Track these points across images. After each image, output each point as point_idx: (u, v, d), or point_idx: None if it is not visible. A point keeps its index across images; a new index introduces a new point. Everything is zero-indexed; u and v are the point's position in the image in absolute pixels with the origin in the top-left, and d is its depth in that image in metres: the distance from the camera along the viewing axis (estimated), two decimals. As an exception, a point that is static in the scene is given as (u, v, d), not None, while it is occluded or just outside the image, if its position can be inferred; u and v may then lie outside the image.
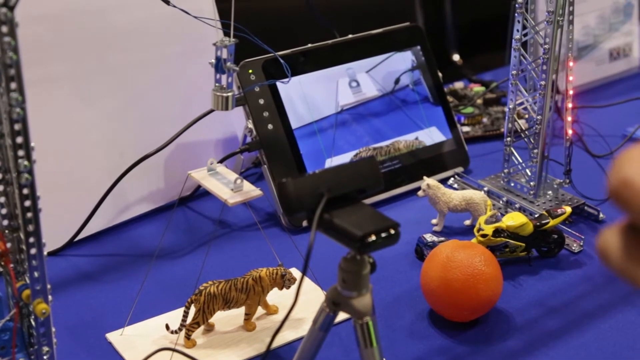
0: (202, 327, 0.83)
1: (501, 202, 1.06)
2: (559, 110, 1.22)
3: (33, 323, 0.63)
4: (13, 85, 0.54)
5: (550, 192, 1.06)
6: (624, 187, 0.36)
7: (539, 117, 1.01)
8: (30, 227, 0.58)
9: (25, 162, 0.56)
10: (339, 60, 1.12)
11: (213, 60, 0.82)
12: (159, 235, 1.00)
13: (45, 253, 0.60)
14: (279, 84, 1.05)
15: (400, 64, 1.17)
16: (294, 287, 0.85)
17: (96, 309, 0.88)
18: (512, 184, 1.08)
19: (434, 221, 1.03)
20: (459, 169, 1.16)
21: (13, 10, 0.52)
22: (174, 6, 0.88)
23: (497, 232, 0.92)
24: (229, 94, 0.84)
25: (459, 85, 1.39)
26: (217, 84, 0.84)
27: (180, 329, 0.81)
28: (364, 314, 0.60)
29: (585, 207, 1.05)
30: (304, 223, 1.02)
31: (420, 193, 1.01)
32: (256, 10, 1.45)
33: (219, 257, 0.97)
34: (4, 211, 0.60)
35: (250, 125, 1.03)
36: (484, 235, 0.91)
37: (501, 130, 1.25)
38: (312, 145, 1.07)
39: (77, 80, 0.98)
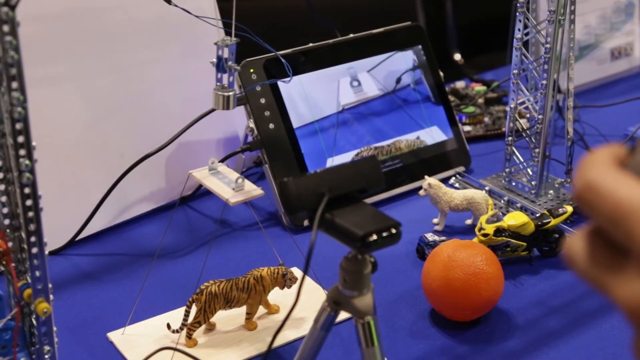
0: (203, 327, 0.83)
1: (502, 201, 1.06)
2: (560, 109, 1.22)
3: (34, 322, 0.63)
4: (14, 84, 0.54)
5: (551, 191, 1.06)
6: (588, 190, 0.36)
7: (540, 117, 1.01)
8: (32, 227, 0.58)
9: (27, 162, 0.56)
10: (340, 59, 1.12)
11: (214, 60, 0.82)
12: (160, 234, 1.00)
13: (46, 252, 0.60)
14: (280, 84, 1.05)
15: (401, 63, 1.16)
16: (295, 287, 0.84)
17: (97, 309, 0.88)
18: (514, 184, 1.08)
19: (435, 220, 1.03)
20: (460, 169, 1.16)
21: (14, 9, 0.52)
22: (176, 5, 0.88)
23: (499, 231, 0.92)
24: (230, 93, 0.84)
25: (460, 84, 1.39)
26: (218, 83, 0.84)
27: (181, 329, 0.81)
28: (365, 313, 0.60)
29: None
30: (305, 222, 1.02)
31: (421, 192, 1.01)
32: (257, 9, 1.45)
33: (220, 256, 0.97)
34: (5, 210, 0.60)
35: (252, 125, 1.03)
36: (485, 235, 0.91)
37: (502, 130, 1.25)
38: (313, 144, 1.07)
39: (78, 79, 0.98)
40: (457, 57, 1.74)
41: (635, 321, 0.35)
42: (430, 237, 0.96)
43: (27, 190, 0.57)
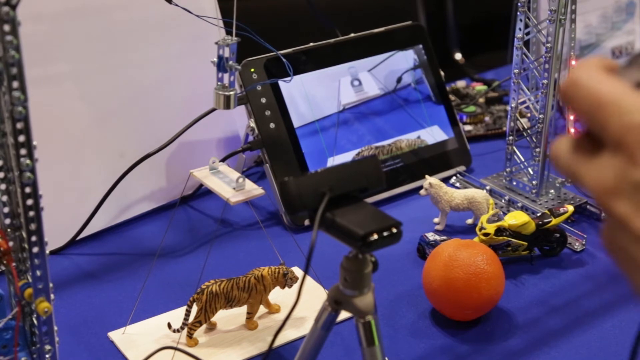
0: (204, 326, 0.83)
1: (503, 201, 1.06)
2: (561, 108, 1.22)
3: (35, 322, 0.63)
4: (15, 84, 0.54)
5: (552, 191, 1.06)
6: (572, 86, 0.39)
7: (541, 116, 1.01)
8: (32, 226, 0.58)
9: (27, 161, 0.56)
10: (341, 59, 1.12)
11: (215, 59, 0.82)
12: (160, 234, 1.00)
13: (47, 252, 0.60)
14: (281, 83, 1.05)
15: (402, 62, 1.16)
16: (295, 286, 0.84)
17: (98, 308, 0.88)
18: (514, 183, 1.08)
19: (436, 220, 1.03)
20: (461, 168, 1.16)
21: (15, 8, 0.52)
22: (176, 5, 0.88)
23: (499, 231, 0.92)
24: (231, 92, 0.83)
25: (461, 84, 1.39)
26: (219, 83, 0.84)
27: (182, 328, 0.81)
28: (365, 313, 0.60)
29: (588, 206, 1.05)
30: (306, 222, 1.02)
31: (422, 192, 1.01)
32: (258, 9, 1.45)
33: (221, 256, 0.96)
34: (6, 210, 0.60)
35: (252, 124, 1.03)
36: (486, 234, 0.91)
37: (503, 129, 1.25)
38: (314, 144, 1.07)
39: (78, 79, 0.98)
40: (458, 56, 1.74)
41: (604, 205, 0.38)
42: (431, 236, 0.96)
43: (27, 190, 0.57)
